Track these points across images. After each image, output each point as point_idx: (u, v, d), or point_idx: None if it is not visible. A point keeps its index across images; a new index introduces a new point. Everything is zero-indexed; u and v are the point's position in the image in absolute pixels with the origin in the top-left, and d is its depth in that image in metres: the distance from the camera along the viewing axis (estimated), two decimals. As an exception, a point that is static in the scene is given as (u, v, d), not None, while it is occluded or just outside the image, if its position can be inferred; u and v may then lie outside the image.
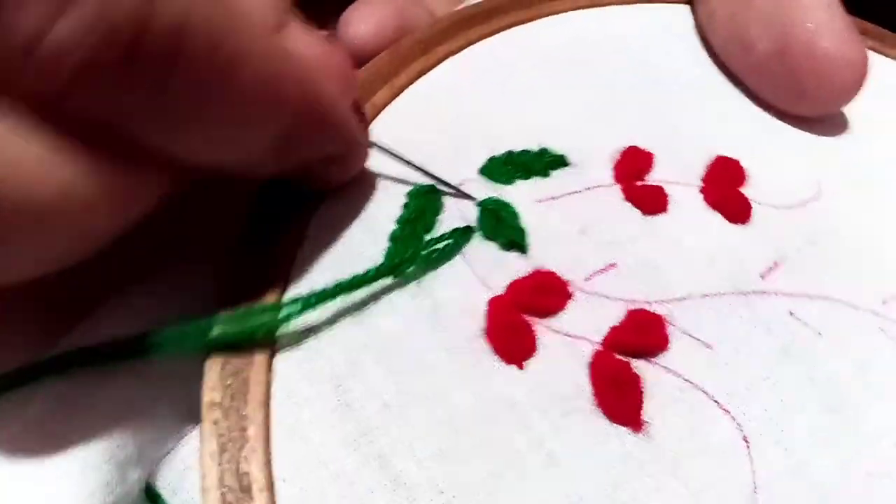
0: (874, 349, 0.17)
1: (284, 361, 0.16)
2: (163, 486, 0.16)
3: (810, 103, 0.21)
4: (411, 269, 0.17)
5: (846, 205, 0.20)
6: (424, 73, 0.20)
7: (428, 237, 0.17)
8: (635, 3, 0.23)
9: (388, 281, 0.17)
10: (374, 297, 0.17)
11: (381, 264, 0.17)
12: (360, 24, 0.22)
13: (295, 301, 0.16)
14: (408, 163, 0.18)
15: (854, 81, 0.20)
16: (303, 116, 0.14)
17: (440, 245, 0.17)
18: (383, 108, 0.20)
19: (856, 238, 0.19)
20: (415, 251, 0.17)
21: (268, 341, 0.16)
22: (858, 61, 0.20)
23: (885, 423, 0.16)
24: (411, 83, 0.20)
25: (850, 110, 0.21)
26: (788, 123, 0.21)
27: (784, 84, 0.20)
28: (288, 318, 0.16)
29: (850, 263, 0.19)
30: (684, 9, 0.24)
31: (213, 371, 0.15)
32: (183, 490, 0.16)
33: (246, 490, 0.14)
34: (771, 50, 0.20)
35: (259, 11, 0.13)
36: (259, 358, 0.16)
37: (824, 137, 0.21)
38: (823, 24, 0.20)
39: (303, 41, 0.14)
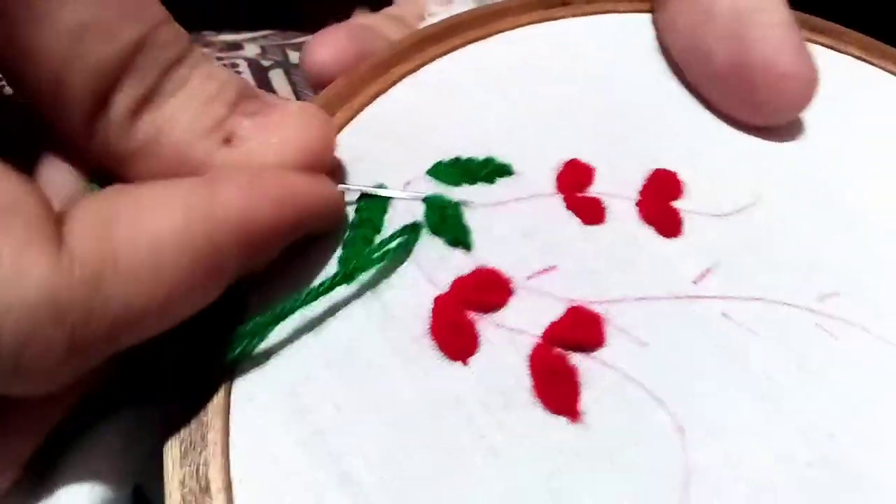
0: (811, 344, 0.18)
1: (242, 370, 0.17)
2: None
3: (764, 115, 0.22)
4: (365, 273, 0.18)
5: (786, 208, 0.21)
6: (381, 94, 0.21)
7: (378, 238, 0.18)
8: (589, 14, 0.25)
9: (343, 288, 0.17)
10: (326, 305, 0.17)
11: (336, 274, 0.17)
12: (321, 50, 0.24)
13: (256, 324, 0.16)
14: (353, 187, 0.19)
15: (806, 96, 0.21)
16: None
17: (392, 244, 0.18)
18: (341, 128, 0.20)
19: (794, 240, 0.20)
20: (367, 255, 0.18)
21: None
22: (811, 77, 0.21)
23: (822, 414, 0.17)
24: (369, 103, 0.21)
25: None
26: (734, 132, 0.22)
27: (740, 96, 0.21)
28: (250, 343, 0.16)
29: (788, 264, 0.19)
30: (638, 18, 0.24)
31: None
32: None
33: (205, 490, 0.15)
34: (729, 62, 0.21)
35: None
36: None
37: (769, 143, 0.22)
38: (781, 42, 0.21)
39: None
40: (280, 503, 0.15)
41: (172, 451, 0.16)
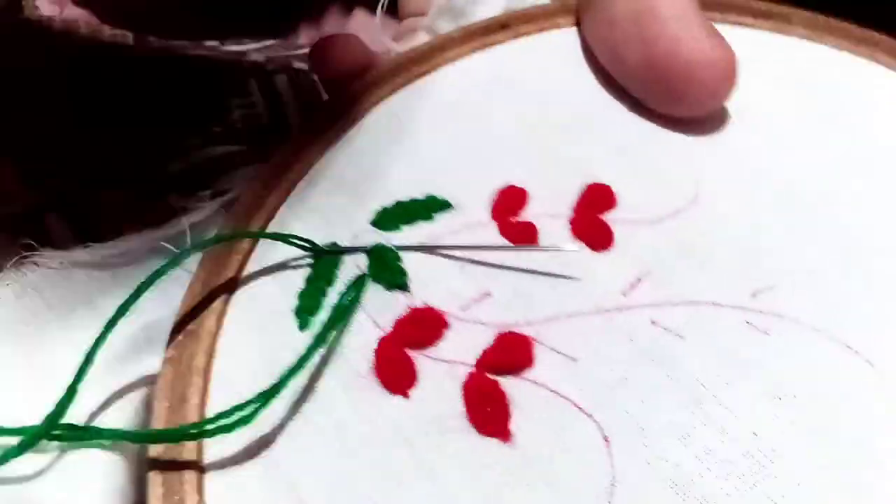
0: (739, 342, 0.19)
1: (213, 412, 0.19)
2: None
3: (688, 105, 0.22)
4: (318, 318, 0.20)
5: (724, 204, 0.21)
6: (333, 144, 0.23)
7: (330, 289, 0.20)
8: (530, 34, 0.26)
9: (295, 334, 0.20)
10: (284, 352, 0.19)
11: (310, 346, 0.19)
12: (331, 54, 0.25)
13: (227, 420, 0.18)
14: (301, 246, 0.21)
15: (722, 79, 0.22)
16: None
17: (346, 301, 0.20)
18: (296, 182, 0.22)
19: (731, 236, 0.21)
20: (333, 318, 0.19)
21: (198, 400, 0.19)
22: (722, 60, 0.21)
23: (746, 413, 0.18)
24: (321, 156, 0.23)
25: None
26: (670, 134, 0.23)
27: (659, 91, 0.22)
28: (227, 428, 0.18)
29: (722, 264, 0.20)
30: (572, 32, 0.25)
31: (159, 426, 0.18)
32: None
33: None
34: (639, 63, 0.22)
35: None
36: (191, 413, 0.19)
37: (707, 137, 0.23)
38: (681, 32, 0.21)
39: None
40: None
41: (156, 489, 0.18)
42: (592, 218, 0.21)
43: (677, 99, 0.22)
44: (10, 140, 0.28)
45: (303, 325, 0.20)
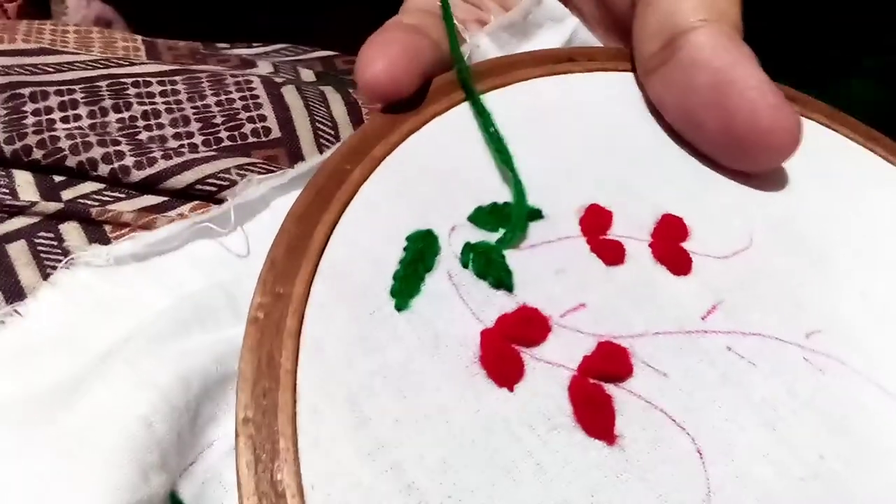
0: (800, 375, 0.21)
1: (306, 383, 0.18)
2: (186, 495, 0.18)
3: (756, 165, 0.24)
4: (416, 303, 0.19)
5: (773, 253, 0.23)
6: (414, 132, 0.23)
7: (428, 275, 0.20)
8: (593, 71, 0.27)
9: (396, 317, 0.19)
10: (381, 330, 0.19)
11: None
12: (374, 65, 0.24)
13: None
14: None
15: (791, 143, 0.24)
16: None
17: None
18: (380, 161, 0.22)
19: (782, 281, 0.23)
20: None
21: (290, 366, 0.18)
22: (793, 127, 0.23)
23: (811, 437, 0.20)
24: (403, 140, 0.23)
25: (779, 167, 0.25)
26: (726, 181, 0.25)
27: (733, 154, 0.24)
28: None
29: (778, 304, 0.22)
30: (632, 77, 0.27)
31: (245, 391, 0.17)
32: (205, 498, 0.18)
33: (281, 496, 0.16)
34: (717, 129, 0.24)
35: None
36: (284, 380, 0.18)
37: (757, 192, 0.25)
38: (760, 102, 0.23)
39: None
40: None
41: (245, 457, 0.17)
42: (672, 245, 0.22)
43: (750, 160, 0.24)
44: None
45: (400, 307, 0.19)
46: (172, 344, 0.20)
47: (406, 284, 0.20)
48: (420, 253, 0.20)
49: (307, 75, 0.36)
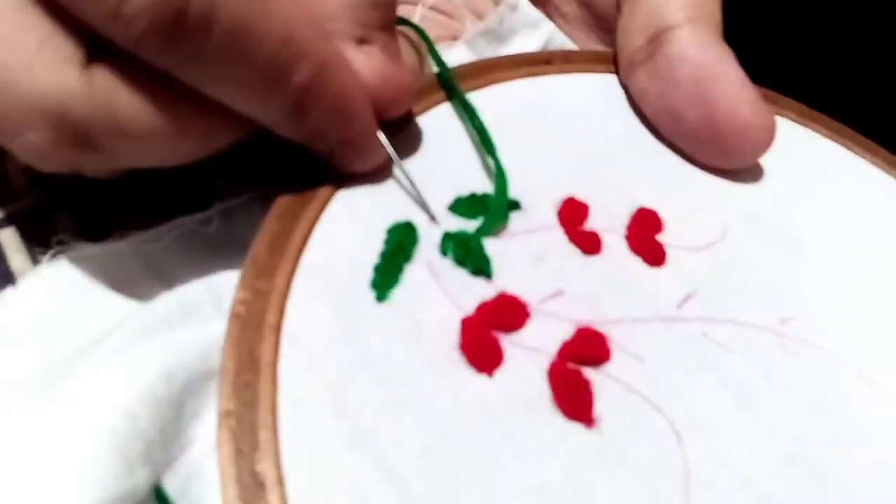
0: (775, 360, 0.21)
1: (286, 375, 0.18)
2: (171, 489, 0.18)
3: (732, 160, 0.25)
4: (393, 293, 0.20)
5: (747, 243, 0.24)
6: (395, 134, 0.24)
7: (407, 265, 0.20)
8: (569, 72, 0.27)
9: (376, 306, 0.19)
10: (361, 322, 0.19)
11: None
12: None
13: None
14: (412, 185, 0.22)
15: (767, 139, 0.25)
16: (313, 98, 0.19)
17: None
18: None
19: (756, 271, 0.23)
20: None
21: (271, 359, 0.18)
22: (769, 125, 0.24)
23: (787, 418, 0.20)
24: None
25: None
26: (700, 175, 0.25)
27: (710, 147, 0.25)
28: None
29: (752, 292, 0.23)
30: (610, 77, 0.28)
31: (227, 384, 0.17)
32: (190, 493, 0.18)
33: (260, 486, 0.16)
34: (698, 122, 0.24)
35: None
36: (265, 373, 0.18)
37: (730, 186, 0.25)
38: (740, 98, 0.24)
39: (361, 55, 0.21)
40: (331, 497, 0.17)
41: (227, 449, 0.17)
42: (647, 237, 0.23)
43: (727, 154, 0.25)
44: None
45: (380, 297, 0.20)
46: (157, 338, 0.20)
47: (386, 276, 0.20)
48: (400, 244, 0.20)
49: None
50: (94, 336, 0.20)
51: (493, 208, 0.22)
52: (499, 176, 0.22)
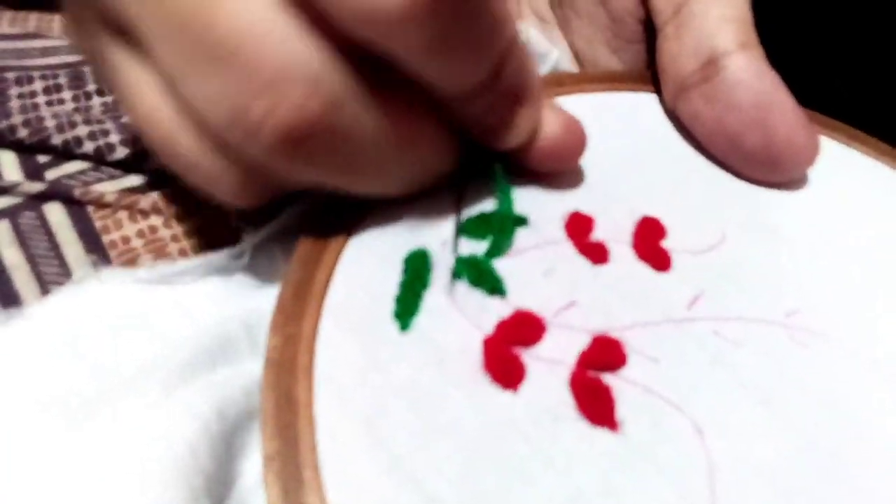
0: (786, 352, 0.22)
1: (322, 412, 0.19)
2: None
3: (784, 176, 0.27)
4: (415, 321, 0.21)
5: (745, 246, 0.25)
6: None
7: (426, 292, 0.21)
8: (563, 94, 0.28)
9: (397, 335, 0.20)
10: (387, 353, 0.20)
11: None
12: None
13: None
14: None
15: (814, 158, 0.26)
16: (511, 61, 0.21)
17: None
18: None
19: (757, 271, 0.24)
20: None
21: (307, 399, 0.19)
22: (817, 145, 0.26)
23: (805, 409, 0.21)
24: None
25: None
26: (696, 184, 0.26)
27: (767, 168, 0.26)
28: None
29: (756, 289, 0.23)
30: (605, 95, 0.29)
31: (268, 427, 0.18)
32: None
33: None
34: (758, 144, 0.26)
35: None
36: (303, 412, 0.19)
37: (726, 192, 0.26)
38: (795, 123, 0.26)
39: None
40: None
41: (274, 491, 0.18)
42: (652, 243, 0.24)
43: (780, 173, 0.26)
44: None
45: (404, 327, 0.20)
46: (202, 374, 0.21)
47: (406, 305, 0.21)
48: (416, 272, 0.21)
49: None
50: (128, 363, 0.20)
51: (498, 227, 0.23)
52: (503, 194, 0.23)
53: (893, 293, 0.24)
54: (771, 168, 0.26)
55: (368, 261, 0.22)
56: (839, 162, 0.29)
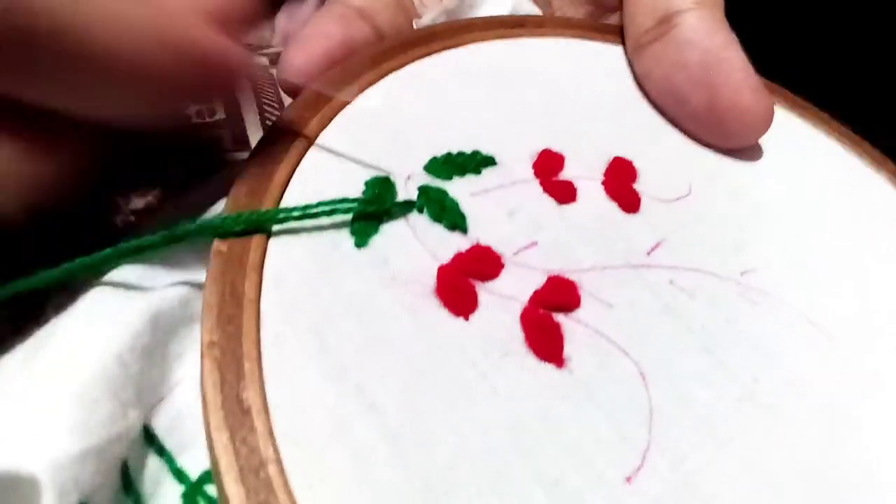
0: (737, 308, 0.22)
1: (269, 312, 0.19)
2: (159, 429, 0.19)
3: (731, 142, 0.26)
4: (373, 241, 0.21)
5: (710, 201, 0.25)
6: (371, 85, 0.24)
7: (386, 217, 0.21)
8: (541, 36, 0.28)
9: (355, 253, 0.20)
10: (341, 265, 0.20)
11: (360, 199, 0.21)
12: (299, 55, 0.24)
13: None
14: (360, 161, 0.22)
15: (765, 123, 0.26)
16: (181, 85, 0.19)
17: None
18: (339, 110, 0.23)
19: (718, 226, 0.24)
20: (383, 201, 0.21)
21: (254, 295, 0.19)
22: (768, 109, 0.25)
23: (747, 361, 0.21)
24: (361, 92, 0.24)
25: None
26: (668, 134, 0.26)
27: (712, 129, 0.26)
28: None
29: (715, 244, 0.24)
30: (579, 42, 0.28)
31: (210, 317, 0.18)
32: (176, 432, 0.19)
33: (246, 412, 0.17)
34: (703, 104, 0.25)
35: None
36: (248, 308, 0.19)
37: (695, 147, 0.26)
38: (742, 83, 0.25)
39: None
40: (314, 426, 0.18)
41: (211, 378, 0.18)
42: (623, 184, 0.24)
43: (727, 136, 0.26)
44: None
45: (359, 244, 0.21)
46: (139, 286, 0.21)
47: (365, 223, 0.21)
48: (378, 195, 0.21)
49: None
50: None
51: (462, 168, 0.23)
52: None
53: (846, 264, 0.25)
54: (717, 130, 0.26)
55: (329, 174, 0.22)
56: (797, 132, 0.29)
